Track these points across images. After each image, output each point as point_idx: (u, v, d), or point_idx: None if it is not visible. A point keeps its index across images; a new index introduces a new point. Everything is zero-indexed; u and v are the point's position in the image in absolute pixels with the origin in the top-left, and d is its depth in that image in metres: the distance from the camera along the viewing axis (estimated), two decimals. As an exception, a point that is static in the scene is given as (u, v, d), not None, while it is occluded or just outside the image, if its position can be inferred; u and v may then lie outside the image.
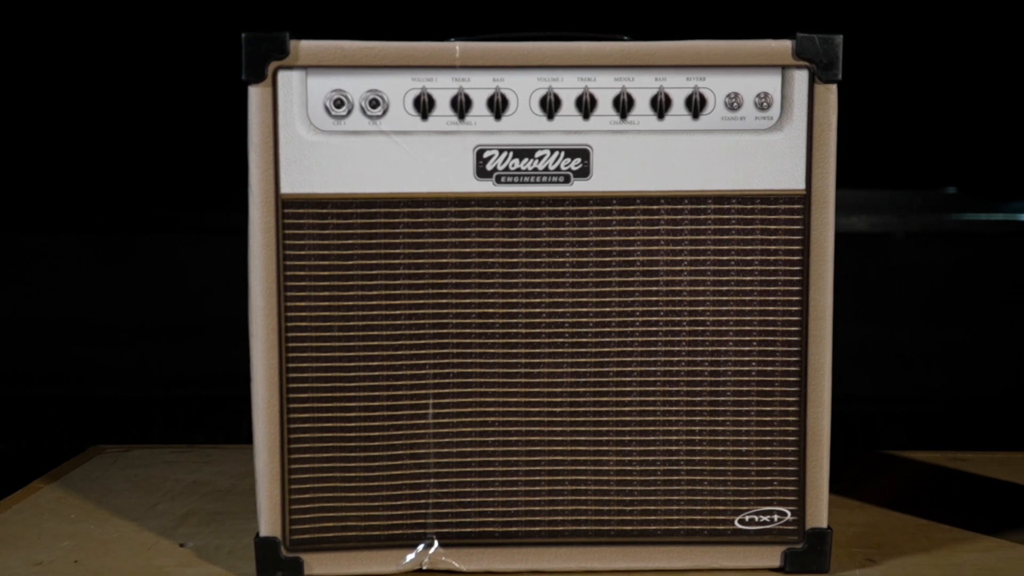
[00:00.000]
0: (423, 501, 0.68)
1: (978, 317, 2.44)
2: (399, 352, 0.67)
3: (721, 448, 0.69)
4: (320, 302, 0.67)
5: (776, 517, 0.69)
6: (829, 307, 0.68)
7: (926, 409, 2.41)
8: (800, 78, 0.67)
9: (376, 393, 0.67)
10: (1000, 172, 2.66)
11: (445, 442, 0.68)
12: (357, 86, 0.66)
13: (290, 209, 0.66)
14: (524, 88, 0.67)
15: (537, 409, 0.68)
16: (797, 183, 0.67)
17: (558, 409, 0.68)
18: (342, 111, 0.66)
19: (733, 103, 0.67)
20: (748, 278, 0.68)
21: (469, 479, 0.68)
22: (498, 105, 0.66)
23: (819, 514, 0.69)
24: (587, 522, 0.69)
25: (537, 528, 0.69)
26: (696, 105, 0.67)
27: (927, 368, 2.44)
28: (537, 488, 0.69)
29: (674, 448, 0.68)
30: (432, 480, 0.68)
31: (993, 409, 2.37)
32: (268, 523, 0.67)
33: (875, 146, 2.60)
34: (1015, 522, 0.79)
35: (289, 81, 0.66)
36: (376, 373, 0.67)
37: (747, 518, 0.69)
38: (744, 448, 0.68)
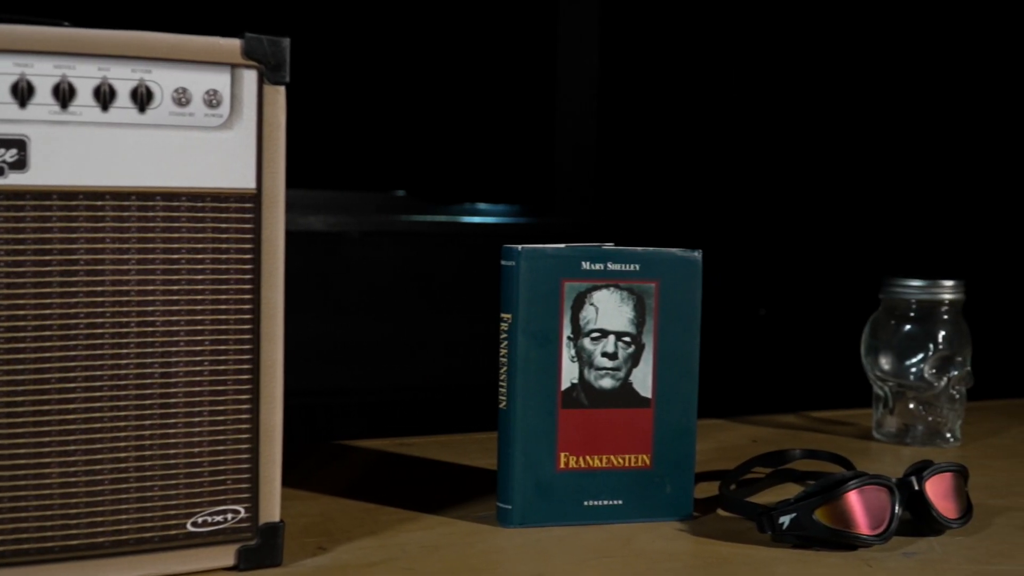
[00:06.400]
0: None
1: (425, 311, 2.62)
2: None
3: (173, 451, 0.67)
4: None
5: (230, 516, 0.69)
6: (280, 304, 0.69)
7: (380, 398, 2.54)
8: (249, 78, 0.67)
9: None
10: (444, 177, 2.88)
11: None
12: None
13: None
14: (-54, 70, 0.60)
15: (-34, 422, 0.62)
16: (248, 182, 0.68)
17: (-9, 421, 0.63)
18: None
19: (182, 99, 0.66)
20: (200, 277, 0.67)
21: None
22: (-87, 86, 0.60)
23: (272, 509, 0.70)
24: (28, 540, 0.64)
25: (-33, 553, 0.63)
26: (143, 98, 0.65)
27: (380, 360, 2.57)
28: (-34, 509, 0.62)
29: (123, 455, 0.66)
30: None
31: (438, 396, 2.55)
32: None
33: (333, 149, 2.69)
34: (454, 499, 0.86)
35: None
36: None
37: (200, 520, 0.68)
38: (197, 450, 0.68)
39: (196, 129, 0.66)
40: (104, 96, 0.64)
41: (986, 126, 2.63)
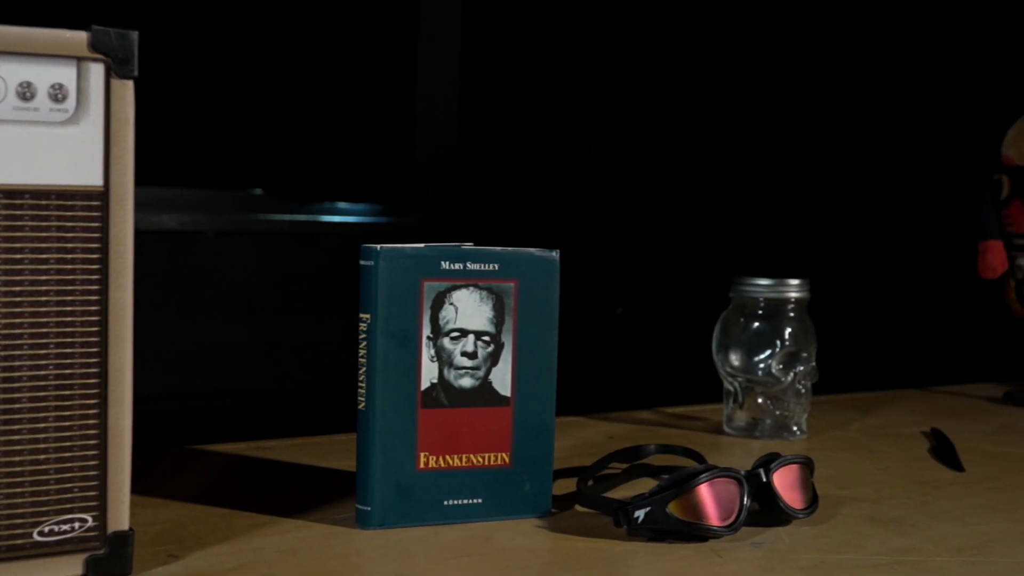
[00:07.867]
0: None
1: (283, 312, 2.58)
2: None
3: (18, 459, 0.65)
4: None
5: (77, 525, 0.67)
6: (129, 306, 0.67)
7: (238, 401, 2.49)
8: (96, 71, 0.65)
9: None
10: (303, 175, 2.84)
11: None
12: None
13: None
14: None
15: None
16: (95, 179, 0.66)
17: None
18: None
19: (26, 93, 0.63)
20: (43, 278, 0.65)
21: None
22: None
23: (120, 517, 0.68)
24: None
25: None
26: (-17, 92, 0.62)
27: (237, 361, 2.52)
28: None
29: (-38, 463, 0.63)
30: None
31: (297, 397, 2.52)
32: None
33: (187, 146, 2.62)
34: (312, 502, 0.85)
35: None
36: None
37: (46, 529, 0.66)
38: (42, 457, 0.65)
39: (41, 124, 0.64)
40: (-60, 89, 0.61)
41: (830, 133, 2.73)
